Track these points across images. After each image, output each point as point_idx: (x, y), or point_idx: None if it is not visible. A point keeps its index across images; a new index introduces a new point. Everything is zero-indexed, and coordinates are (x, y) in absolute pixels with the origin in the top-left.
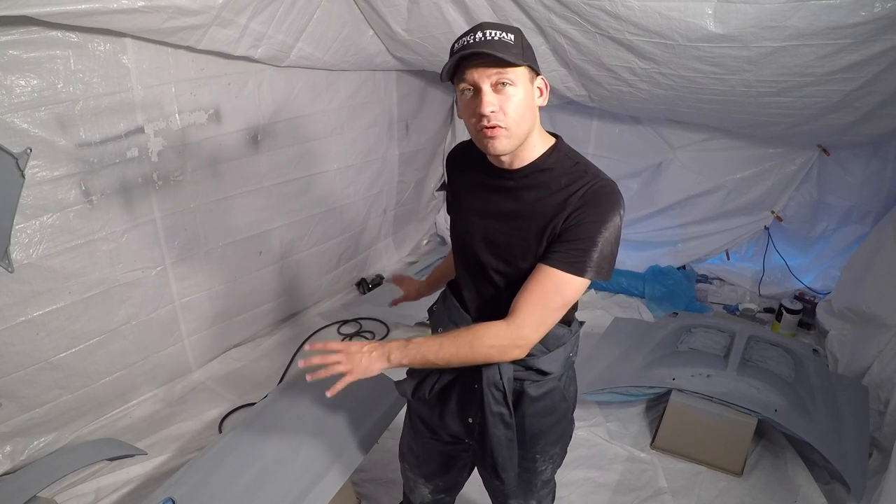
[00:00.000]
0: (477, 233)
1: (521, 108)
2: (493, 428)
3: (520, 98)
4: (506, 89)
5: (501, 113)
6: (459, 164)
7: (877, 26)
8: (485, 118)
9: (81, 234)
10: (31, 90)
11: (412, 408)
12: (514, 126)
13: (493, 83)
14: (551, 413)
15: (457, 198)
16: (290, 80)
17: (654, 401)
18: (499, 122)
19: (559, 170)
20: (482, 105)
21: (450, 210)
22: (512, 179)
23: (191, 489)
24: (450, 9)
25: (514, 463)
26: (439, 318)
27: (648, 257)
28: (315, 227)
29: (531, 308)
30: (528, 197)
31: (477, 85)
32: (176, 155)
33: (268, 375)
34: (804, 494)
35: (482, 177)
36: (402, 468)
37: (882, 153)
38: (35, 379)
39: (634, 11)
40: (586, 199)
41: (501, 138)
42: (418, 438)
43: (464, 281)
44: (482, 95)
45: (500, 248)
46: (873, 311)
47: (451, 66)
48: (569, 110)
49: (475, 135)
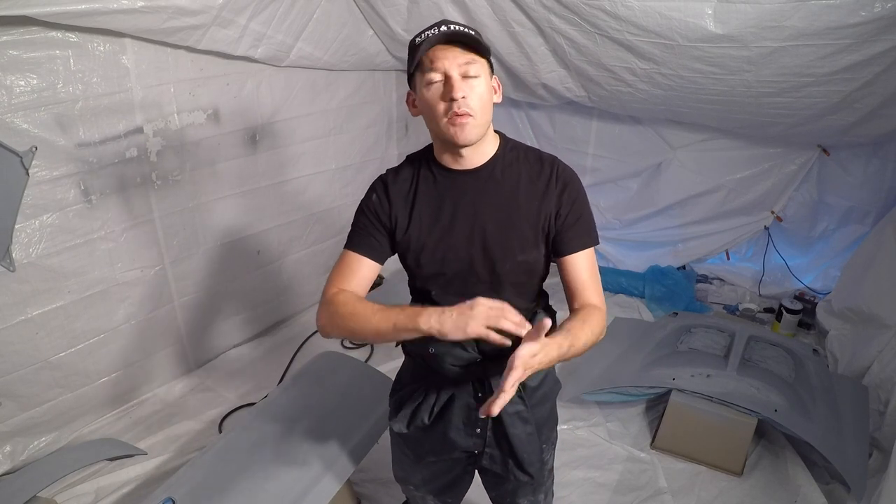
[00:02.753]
0: (461, 245)
1: (486, 98)
2: (512, 428)
3: (484, 88)
4: (472, 80)
5: (469, 100)
6: (399, 193)
7: (877, 26)
8: (456, 103)
9: (81, 233)
10: (31, 90)
11: (408, 440)
12: (480, 115)
13: (462, 72)
14: (549, 399)
15: (416, 226)
16: (290, 80)
17: (654, 401)
18: (467, 110)
19: (519, 159)
20: (455, 89)
21: (408, 247)
22: (479, 178)
23: (191, 489)
24: (450, 9)
25: (538, 455)
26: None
27: (648, 257)
28: (313, 227)
29: (593, 287)
30: (505, 189)
31: (447, 72)
32: (175, 155)
33: (268, 375)
34: (804, 494)
35: (445, 186)
36: (405, 490)
37: (882, 153)
38: (35, 378)
39: (634, 12)
40: (562, 180)
41: (470, 126)
42: (420, 464)
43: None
44: (453, 82)
45: (493, 249)
46: (873, 311)
47: (420, 55)
48: (569, 110)
49: (443, 124)
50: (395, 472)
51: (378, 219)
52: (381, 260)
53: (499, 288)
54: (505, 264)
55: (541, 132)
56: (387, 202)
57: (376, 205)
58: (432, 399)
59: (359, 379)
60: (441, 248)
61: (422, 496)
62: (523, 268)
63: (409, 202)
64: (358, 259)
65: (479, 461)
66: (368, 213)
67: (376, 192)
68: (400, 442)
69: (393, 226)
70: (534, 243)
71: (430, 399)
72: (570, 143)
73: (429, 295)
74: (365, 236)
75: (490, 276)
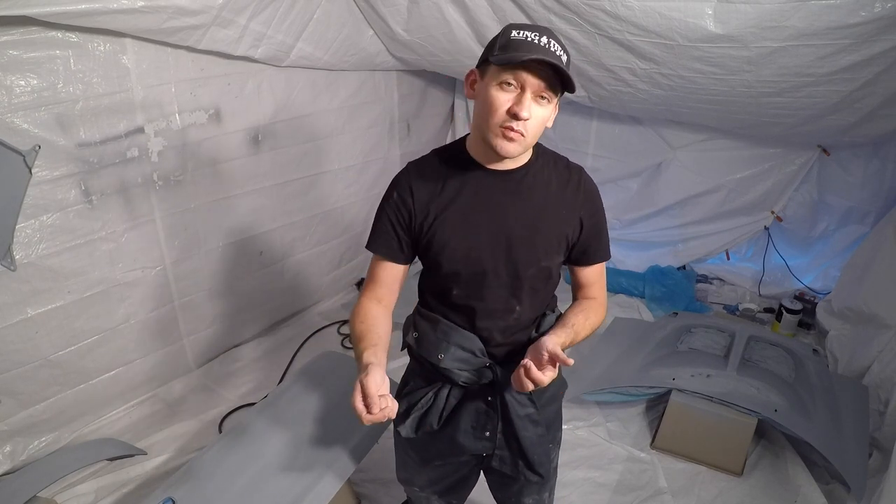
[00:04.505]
0: (485, 245)
1: (542, 124)
2: (524, 431)
3: (546, 115)
4: (541, 103)
5: (528, 122)
6: (425, 188)
7: (877, 26)
8: (517, 121)
9: (81, 233)
10: (31, 90)
11: (415, 444)
12: (531, 138)
13: (535, 93)
14: (556, 400)
15: (440, 223)
16: (291, 81)
17: (654, 401)
18: (522, 130)
19: (549, 166)
20: (522, 107)
21: (431, 243)
22: (514, 179)
23: (191, 489)
24: (450, 9)
25: (549, 456)
26: (434, 344)
27: (648, 257)
28: (316, 228)
29: (598, 285)
30: (535, 194)
31: (525, 86)
32: (176, 155)
33: (268, 375)
34: (804, 494)
35: (476, 185)
36: (408, 491)
37: (882, 153)
38: (34, 376)
39: (634, 12)
40: (586, 192)
41: (517, 144)
42: (426, 467)
43: (462, 305)
44: (524, 99)
45: (518, 253)
46: (873, 311)
47: (509, 59)
48: (568, 110)
49: (493, 129)
50: (398, 474)
51: (399, 218)
52: (408, 260)
53: (517, 292)
54: (528, 269)
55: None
56: (410, 200)
57: (398, 204)
58: (441, 404)
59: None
60: (464, 247)
61: (426, 497)
62: (544, 274)
63: (437, 199)
64: (380, 263)
65: (486, 463)
66: (389, 212)
67: (397, 190)
68: (406, 445)
69: (415, 224)
70: (557, 250)
71: (438, 404)
72: (570, 143)
73: (449, 294)
74: (386, 238)
75: (511, 279)
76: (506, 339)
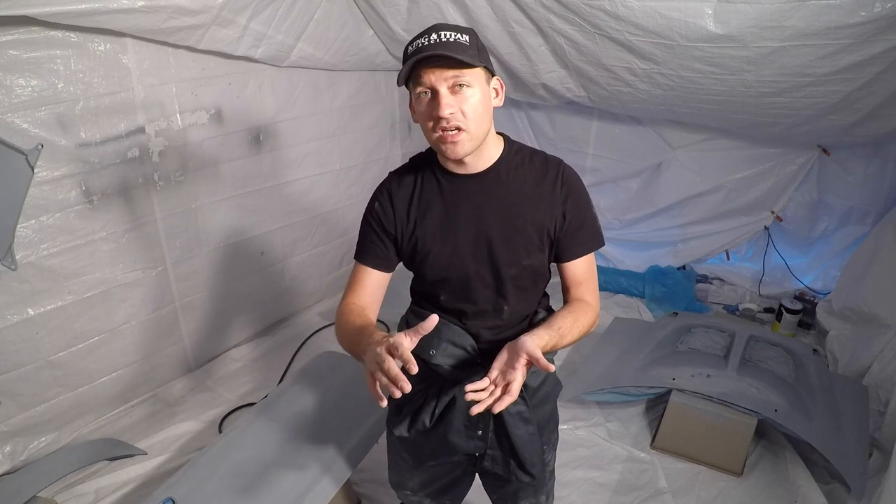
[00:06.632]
0: (466, 250)
1: (480, 108)
2: (515, 429)
3: (477, 99)
4: (463, 91)
5: (460, 114)
6: (403, 198)
7: (877, 26)
8: (443, 120)
9: (82, 234)
10: (32, 90)
11: (407, 444)
12: (474, 127)
13: (450, 85)
14: (550, 400)
15: (420, 231)
16: (292, 81)
17: (654, 401)
18: (458, 124)
19: (524, 163)
20: (440, 108)
21: (413, 252)
22: (483, 182)
23: (191, 489)
24: (450, 9)
25: (540, 456)
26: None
27: (648, 257)
28: (317, 228)
29: (588, 285)
30: (511, 193)
31: (434, 87)
32: (177, 155)
33: (268, 375)
34: (804, 494)
35: (449, 191)
36: (401, 496)
37: (882, 153)
38: (34, 377)
39: (634, 11)
40: (567, 185)
41: (463, 142)
42: (420, 468)
43: (451, 308)
44: (440, 98)
45: (498, 254)
46: (873, 311)
47: (408, 70)
48: (568, 110)
49: (434, 139)
50: (390, 477)
51: (382, 227)
52: (389, 268)
53: (504, 292)
54: (510, 269)
55: (541, 132)
56: (390, 209)
57: (379, 213)
58: (433, 401)
59: (359, 379)
60: (446, 254)
61: (418, 500)
62: (528, 272)
63: (414, 207)
64: (365, 271)
65: (479, 464)
66: (372, 221)
67: (378, 199)
68: (398, 447)
69: (397, 232)
70: (539, 247)
71: (430, 402)
72: (570, 143)
73: (437, 300)
74: (370, 246)
75: (496, 280)
76: (496, 337)
